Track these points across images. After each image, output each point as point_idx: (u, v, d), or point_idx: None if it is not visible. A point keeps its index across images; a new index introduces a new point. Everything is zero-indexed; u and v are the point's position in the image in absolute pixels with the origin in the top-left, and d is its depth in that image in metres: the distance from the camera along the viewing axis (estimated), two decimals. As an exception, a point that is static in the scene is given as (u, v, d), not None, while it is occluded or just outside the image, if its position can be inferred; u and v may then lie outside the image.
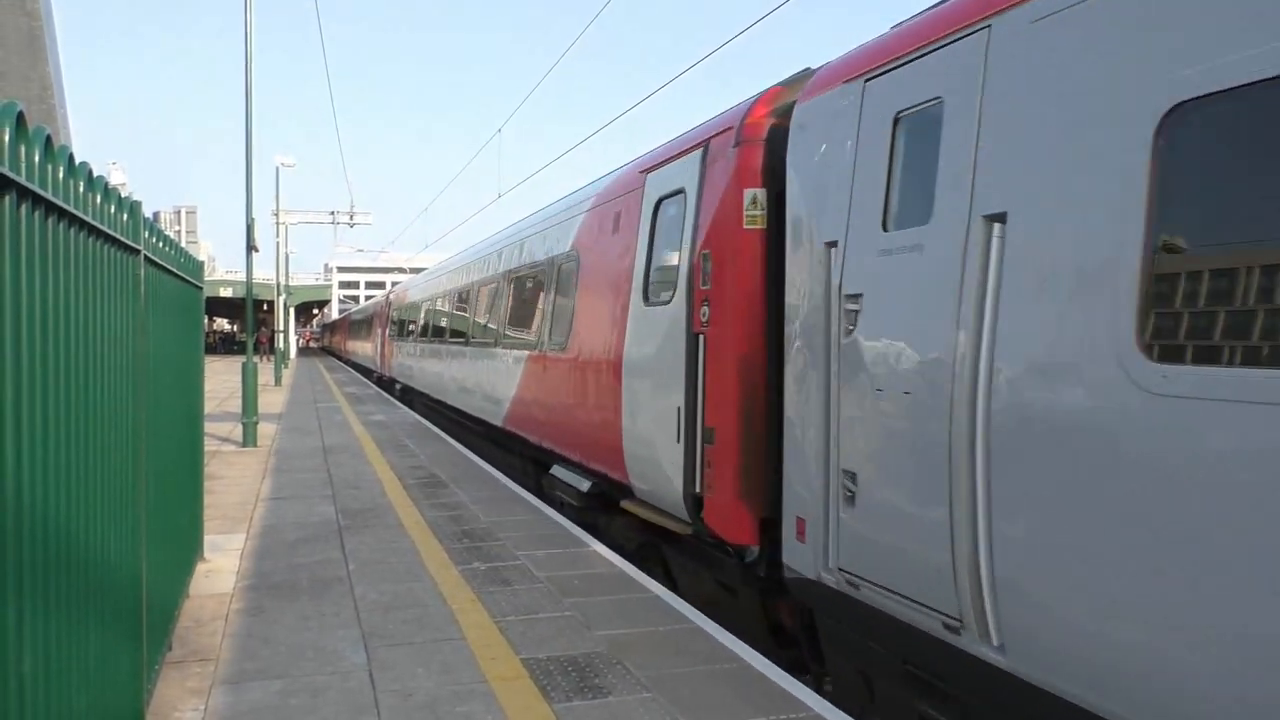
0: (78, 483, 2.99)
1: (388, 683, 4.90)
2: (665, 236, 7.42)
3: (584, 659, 5.30)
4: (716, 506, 6.19)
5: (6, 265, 2.23)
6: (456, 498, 10.46)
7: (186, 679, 4.95)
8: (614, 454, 8.14)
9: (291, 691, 4.77)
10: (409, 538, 8.36)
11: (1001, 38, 3.98)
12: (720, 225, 6.28)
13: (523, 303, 12.36)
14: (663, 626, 5.91)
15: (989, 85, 4.01)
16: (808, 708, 4.67)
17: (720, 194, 6.34)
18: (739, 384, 6.05)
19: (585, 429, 9.09)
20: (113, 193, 3.53)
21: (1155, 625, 3.10)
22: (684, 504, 6.63)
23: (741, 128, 6.24)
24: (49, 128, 2.67)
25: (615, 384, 8.13)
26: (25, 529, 2.39)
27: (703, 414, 6.35)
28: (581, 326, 9.40)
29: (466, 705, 4.62)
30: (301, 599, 6.42)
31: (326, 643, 5.51)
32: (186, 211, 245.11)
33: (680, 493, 6.67)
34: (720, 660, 5.32)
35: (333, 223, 46.31)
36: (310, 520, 9.12)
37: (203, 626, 5.83)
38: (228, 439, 16.07)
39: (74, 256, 2.92)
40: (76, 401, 2.98)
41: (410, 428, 18.31)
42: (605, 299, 8.68)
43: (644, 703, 4.68)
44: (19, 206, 2.32)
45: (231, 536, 8.39)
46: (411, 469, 12.66)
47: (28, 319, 2.41)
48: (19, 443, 2.34)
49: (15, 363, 2.31)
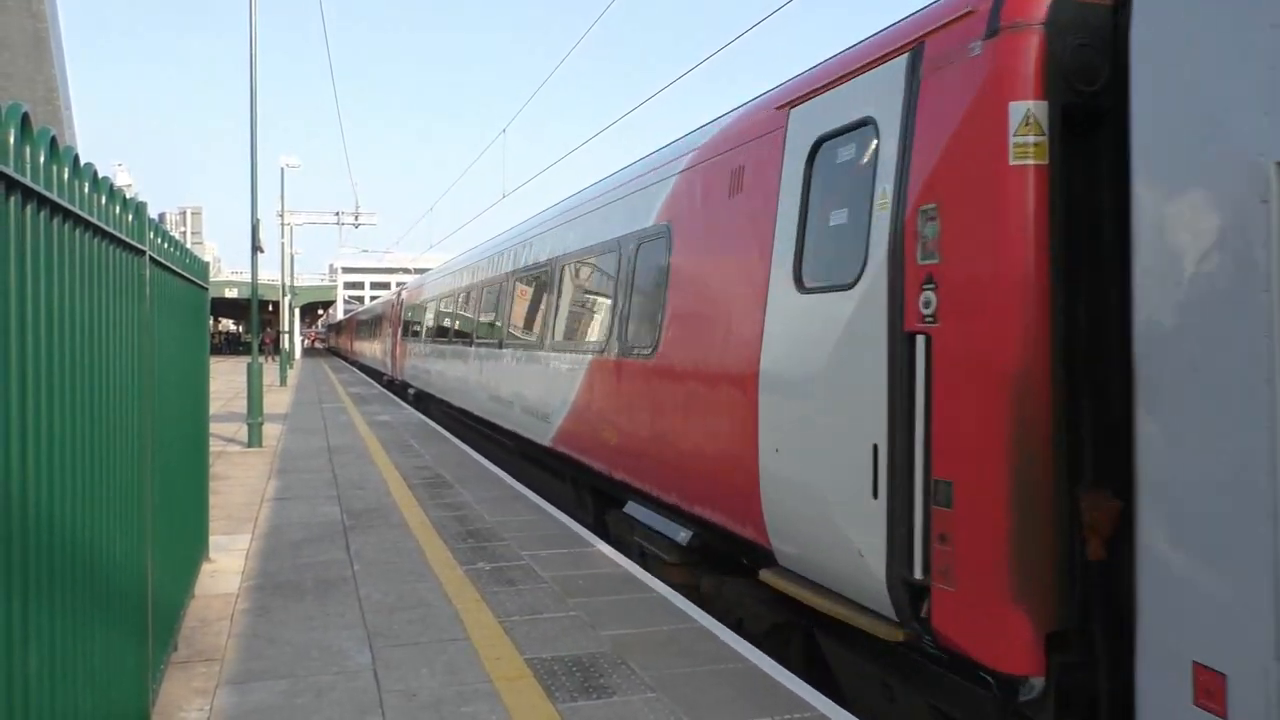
0: (83, 483, 3.00)
1: (392, 683, 4.91)
2: (834, 190, 5.31)
3: (588, 659, 5.30)
4: (961, 606, 4.11)
5: (12, 266, 2.24)
6: (461, 498, 10.47)
7: (192, 679, 4.96)
8: (741, 499, 5.96)
9: (296, 691, 4.77)
10: (414, 538, 8.36)
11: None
12: (959, 163, 4.26)
13: (580, 295, 10.19)
14: (667, 626, 5.90)
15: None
16: (813, 708, 4.66)
17: (958, 115, 4.30)
18: (1005, 414, 3.95)
19: (688, 461, 6.85)
20: (118, 194, 3.54)
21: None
22: (887, 593, 4.54)
23: (1000, 7, 4.13)
24: (54, 129, 2.67)
25: (745, 402, 5.92)
26: (31, 529, 2.40)
27: (927, 459, 4.30)
28: (680, 323, 7.17)
29: (471, 705, 4.62)
30: (306, 599, 6.43)
31: (331, 643, 5.52)
32: (192, 212, 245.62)
33: (881, 576, 4.56)
34: (725, 660, 5.32)
35: (337, 223, 46.44)
36: (315, 521, 9.13)
37: (208, 626, 5.84)
38: (233, 439, 16.10)
39: (79, 258, 2.93)
40: (82, 402, 2.99)
41: (415, 428, 18.32)
42: (722, 285, 6.48)
43: (649, 703, 4.68)
44: (24, 207, 2.33)
45: (236, 537, 8.40)
46: (416, 469, 12.67)
47: (33, 320, 2.42)
48: (24, 443, 2.35)
49: (21, 364, 2.32)
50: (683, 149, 7.79)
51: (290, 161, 37.87)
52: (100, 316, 3.25)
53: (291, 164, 37.87)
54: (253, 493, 10.77)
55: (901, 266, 4.54)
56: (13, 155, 2.23)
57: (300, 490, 10.92)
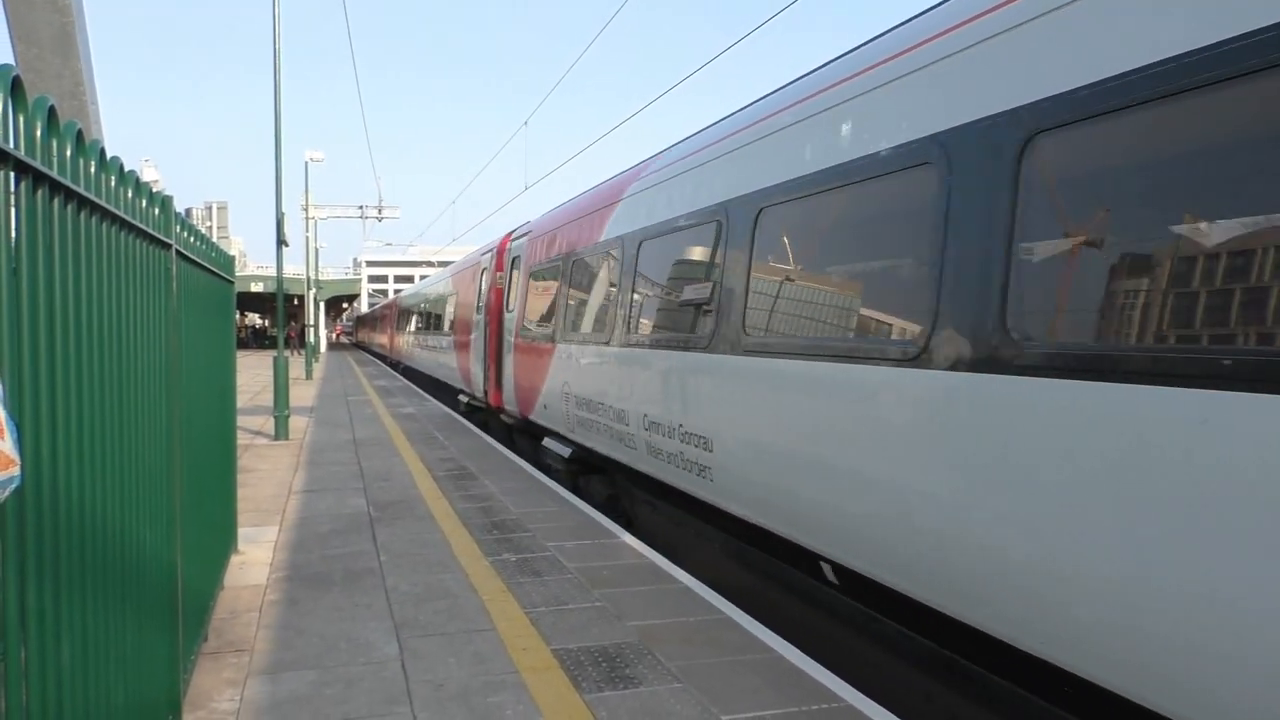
0: (113, 475, 3.02)
1: (420, 673, 4.92)
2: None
3: (614, 649, 5.30)
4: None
5: (40, 259, 2.25)
6: (486, 489, 10.50)
7: (222, 669, 5.00)
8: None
9: (326, 682, 4.80)
10: (439, 529, 8.40)
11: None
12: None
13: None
14: (693, 617, 5.89)
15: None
16: (840, 699, 4.64)
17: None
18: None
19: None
20: (144, 187, 3.55)
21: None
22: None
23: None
24: (80, 123, 2.68)
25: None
26: (63, 522, 2.41)
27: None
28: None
29: (498, 695, 4.63)
30: (334, 590, 6.46)
31: (359, 634, 5.55)
32: (218, 207, 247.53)
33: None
34: (752, 651, 5.30)
35: (361, 217, 46.72)
36: (342, 512, 9.19)
37: (238, 618, 5.88)
38: (260, 432, 16.24)
39: (107, 251, 2.94)
40: (112, 395, 3.00)
41: (439, 420, 18.40)
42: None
43: (675, 693, 4.67)
44: (52, 201, 2.34)
45: (265, 529, 8.47)
46: (441, 461, 12.72)
47: (62, 313, 2.43)
48: (55, 436, 2.36)
49: (50, 358, 2.33)
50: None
51: (315, 155, 38.08)
52: (128, 310, 3.27)
53: (316, 158, 38.09)
54: (280, 485, 10.85)
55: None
56: (39, 149, 2.23)
57: (327, 482, 10.99)
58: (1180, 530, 3.16)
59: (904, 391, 4.57)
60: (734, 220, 6.64)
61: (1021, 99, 3.97)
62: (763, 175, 6.34)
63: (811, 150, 5.70)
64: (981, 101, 4.21)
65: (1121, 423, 3.37)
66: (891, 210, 4.89)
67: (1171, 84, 3.32)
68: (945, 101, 4.46)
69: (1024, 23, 4.02)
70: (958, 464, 4.15)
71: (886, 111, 4.95)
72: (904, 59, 4.86)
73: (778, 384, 5.79)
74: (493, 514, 9.09)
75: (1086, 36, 3.70)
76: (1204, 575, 3.09)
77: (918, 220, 4.59)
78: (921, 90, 4.66)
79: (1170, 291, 3.33)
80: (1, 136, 1.98)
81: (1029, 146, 3.92)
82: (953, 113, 4.39)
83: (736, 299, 6.46)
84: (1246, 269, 3.10)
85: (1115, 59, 3.56)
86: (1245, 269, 3.11)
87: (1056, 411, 3.65)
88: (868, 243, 5.15)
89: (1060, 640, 3.65)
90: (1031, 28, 3.97)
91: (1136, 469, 3.31)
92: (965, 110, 4.31)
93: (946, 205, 4.35)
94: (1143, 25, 3.45)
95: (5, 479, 1.51)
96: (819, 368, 5.34)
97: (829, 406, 5.22)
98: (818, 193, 5.58)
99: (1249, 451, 2.96)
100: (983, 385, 4.04)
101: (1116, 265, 3.55)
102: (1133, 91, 3.46)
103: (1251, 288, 3.08)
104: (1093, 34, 3.69)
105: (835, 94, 5.52)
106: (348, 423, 17.82)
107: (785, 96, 6.35)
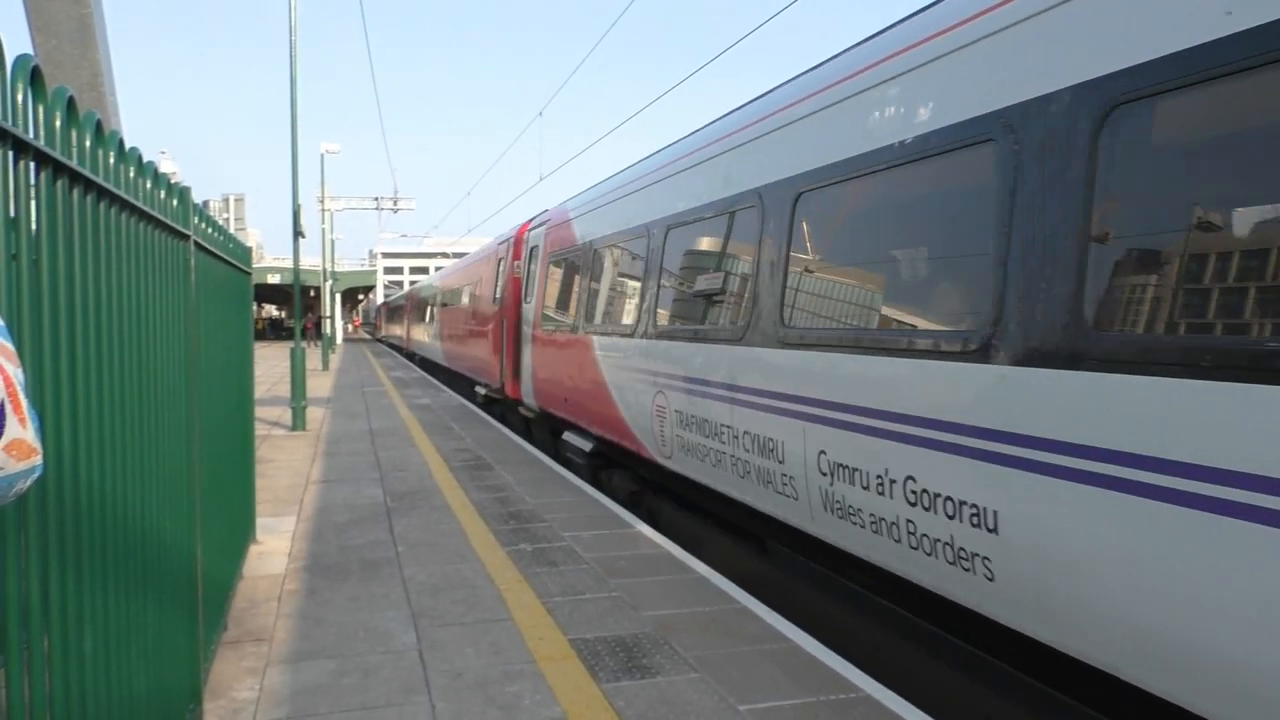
0: (133, 465, 3.03)
1: (438, 663, 4.94)
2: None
3: (631, 639, 5.30)
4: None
5: (60, 249, 2.25)
6: (502, 479, 10.52)
7: (242, 658, 5.03)
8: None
9: (344, 671, 4.82)
10: (456, 519, 8.42)
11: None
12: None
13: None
14: (710, 607, 5.89)
15: None
16: (858, 688, 4.62)
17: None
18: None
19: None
20: (163, 178, 3.56)
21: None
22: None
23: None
24: (99, 114, 2.68)
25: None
26: (85, 512, 2.42)
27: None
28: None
29: (516, 685, 4.64)
30: (352, 580, 6.49)
31: (377, 623, 5.57)
32: (235, 199, 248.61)
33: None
34: (768, 640, 5.29)
35: (377, 209, 46.80)
36: (359, 502, 9.23)
37: (257, 607, 5.92)
38: (277, 423, 16.32)
39: (125, 241, 2.95)
40: (132, 386, 3.01)
41: (455, 411, 18.45)
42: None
43: (692, 683, 4.67)
44: (71, 190, 2.34)
45: (283, 519, 8.51)
46: (457, 451, 12.75)
47: (82, 303, 2.43)
48: (76, 426, 2.37)
49: (71, 347, 2.34)
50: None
51: (330, 148, 38.13)
52: (147, 301, 3.28)
53: (331, 150, 38.13)
54: (298, 475, 10.90)
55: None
56: (59, 139, 2.23)
57: (344, 473, 11.04)
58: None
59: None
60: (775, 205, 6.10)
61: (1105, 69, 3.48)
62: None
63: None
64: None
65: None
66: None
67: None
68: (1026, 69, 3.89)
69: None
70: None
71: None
72: (965, 29, 4.33)
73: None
74: (509, 504, 9.11)
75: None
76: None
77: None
78: (988, 61, 4.14)
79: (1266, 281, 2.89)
80: (22, 127, 1.99)
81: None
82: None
83: (782, 286, 6.00)
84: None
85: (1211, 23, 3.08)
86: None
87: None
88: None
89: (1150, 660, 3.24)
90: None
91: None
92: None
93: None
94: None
95: (28, 468, 1.51)
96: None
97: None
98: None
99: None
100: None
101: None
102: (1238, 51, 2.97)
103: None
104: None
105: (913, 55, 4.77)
106: (364, 413, 17.88)
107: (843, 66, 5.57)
